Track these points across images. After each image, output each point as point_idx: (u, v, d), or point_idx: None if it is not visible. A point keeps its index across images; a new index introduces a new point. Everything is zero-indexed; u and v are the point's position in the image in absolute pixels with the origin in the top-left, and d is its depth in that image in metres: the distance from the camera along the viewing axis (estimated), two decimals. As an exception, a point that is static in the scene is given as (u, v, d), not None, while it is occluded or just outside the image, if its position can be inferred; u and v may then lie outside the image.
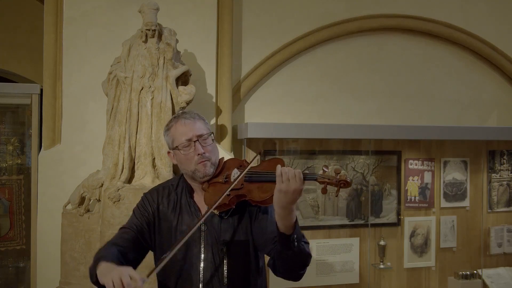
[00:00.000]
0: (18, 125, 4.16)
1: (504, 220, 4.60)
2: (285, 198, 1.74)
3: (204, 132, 2.05)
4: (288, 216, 1.77)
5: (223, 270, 1.99)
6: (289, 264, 1.89)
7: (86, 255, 3.14)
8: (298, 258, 1.86)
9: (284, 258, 1.86)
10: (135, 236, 2.04)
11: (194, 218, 2.04)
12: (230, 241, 2.01)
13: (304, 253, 1.86)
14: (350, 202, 4.18)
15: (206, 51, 3.73)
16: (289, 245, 1.80)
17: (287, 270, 1.93)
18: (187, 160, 2.02)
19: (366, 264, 4.16)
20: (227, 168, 2.07)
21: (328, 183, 1.80)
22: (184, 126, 2.04)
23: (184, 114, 2.10)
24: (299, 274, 1.94)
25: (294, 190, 1.74)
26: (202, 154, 2.00)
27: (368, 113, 4.30)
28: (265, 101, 4.10)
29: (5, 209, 4.04)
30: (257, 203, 1.94)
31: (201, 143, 2.02)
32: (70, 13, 3.55)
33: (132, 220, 2.10)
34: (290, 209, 1.76)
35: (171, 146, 2.09)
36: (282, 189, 1.74)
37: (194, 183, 2.10)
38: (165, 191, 2.13)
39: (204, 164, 2.01)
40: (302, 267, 1.92)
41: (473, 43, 4.52)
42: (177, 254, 2.00)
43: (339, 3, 4.21)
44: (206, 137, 2.04)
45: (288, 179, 1.74)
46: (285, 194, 1.74)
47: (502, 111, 4.68)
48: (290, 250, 1.81)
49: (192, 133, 2.02)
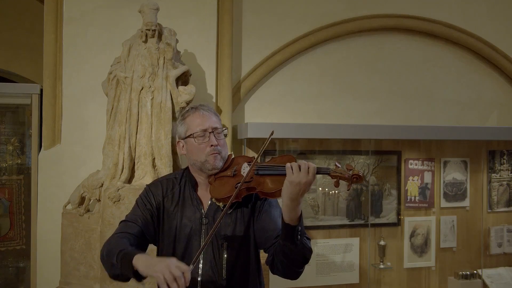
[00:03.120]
0: (18, 125, 4.17)
1: (504, 220, 4.60)
2: (295, 189, 1.78)
3: (219, 126, 2.10)
4: (296, 207, 1.80)
5: (223, 265, 2.00)
6: (290, 259, 1.89)
7: (86, 255, 3.14)
8: (301, 252, 1.87)
9: (286, 252, 1.87)
10: (140, 230, 2.04)
11: (196, 212, 2.05)
12: (231, 236, 2.02)
13: (306, 247, 1.89)
14: (350, 202, 4.18)
15: (206, 51, 3.73)
16: (293, 237, 1.83)
17: (286, 266, 1.93)
18: (199, 150, 2.05)
19: (366, 264, 4.16)
20: (235, 164, 2.09)
21: (341, 177, 1.87)
22: (201, 117, 2.07)
23: (202, 106, 2.13)
24: (297, 271, 1.95)
25: (305, 182, 1.78)
26: (215, 146, 2.04)
27: (368, 113, 4.30)
28: (265, 101, 4.10)
29: (5, 209, 4.04)
30: (266, 195, 1.97)
31: (215, 136, 2.06)
32: (70, 13, 3.55)
33: (136, 213, 2.09)
34: (298, 201, 1.80)
35: (183, 135, 2.10)
36: (294, 181, 1.78)
37: (199, 176, 2.11)
38: (169, 184, 2.14)
39: (214, 156, 2.04)
40: (302, 263, 1.93)
41: (473, 43, 4.52)
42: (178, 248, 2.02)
43: (339, 3, 4.21)
44: (220, 131, 2.09)
45: (299, 171, 1.78)
46: (296, 185, 1.78)
47: (502, 111, 4.68)
48: (293, 244, 1.83)
49: (208, 125, 2.06)
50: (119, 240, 1.97)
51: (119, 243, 1.93)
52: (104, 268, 1.98)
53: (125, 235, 2.00)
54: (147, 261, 1.78)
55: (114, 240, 1.97)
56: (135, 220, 2.06)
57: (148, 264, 1.76)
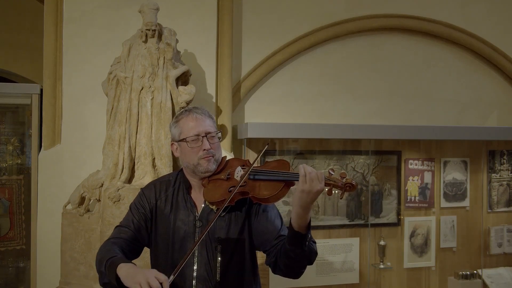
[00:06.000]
0: (18, 125, 4.17)
1: (504, 220, 4.59)
2: (307, 198, 1.80)
3: (212, 130, 2.09)
4: (306, 215, 1.83)
5: (216, 267, 2.00)
6: (295, 262, 1.92)
7: (86, 255, 3.14)
8: (307, 256, 1.91)
9: (291, 256, 1.89)
10: (133, 235, 2.07)
11: (189, 214, 2.06)
12: (224, 239, 2.03)
13: (313, 251, 1.92)
14: (350, 202, 4.18)
15: (206, 51, 3.73)
16: (301, 244, 1.85)
17: (290, 268, 1.96)
18: (192, 154, 2.05)
19: (366, 264, 4.16)
20: (229, 167, 2.09)
21: (334, 185, 1.85)
22: (195, 120, 2.08)
23: (195, 109, 2.13)
24: (300, 272, 1.98)
25: (317, 190, 1.80)
26: (208, 150, 2.04)
27: (368, 113, 4.30)
28: (265, 101, 4.10)
29: (5, 209, 4.04)
30: (259, 200, 1.95)
31: (208, 139, 2.06)
32: (70, 13, 3.55)
33: (129, 218, 2.12)
34: (308, 209, 1.83)
35: (177, 138, 2.11)
36: (305, 189, 1.80)
37: (193, 179, 2.12)
38: (162, 186, 2.15)
39: (208, 160, 2.05)
40: (306, 266, 1.96)
41: (473, 43, 4.52)
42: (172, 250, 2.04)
43: (339, 3, 4.21)
44: (213, 135, 2.09)
45: (312, 180, 1.79)
46: (308, 194, 1.80)
47: (502, 111, 4.68)
48: (300, 249, 1.86)
49: (201, 129, 2.06)
50: (110, 246, 1.99)
51: (110, 251, 1.95)
52: None
53: (117, 241, 2.03)
54: (128, 271, 1.79)
55: (105, 248, 2.00)
56: (127, 225, 2.09)
57: (128, 274, 1.78)
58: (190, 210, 2.07)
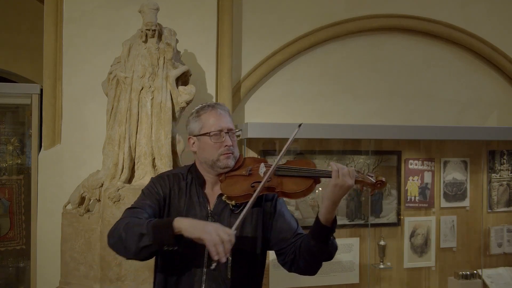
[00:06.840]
0: (18, 125, 4.17)
1: (504, 220, 4.59)
2: (339, 192, 1.89)
3: (233, 127, 2.12)
4: (334, 210, 1.91)
5: (228, 264, 1.99)
6: (316, 257, 1.98)
7: (86, 255, 3.14)
8: (329, 251, 1.98)
9: (314, 251, 1.95)
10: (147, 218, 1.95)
11: (202, 209, 2.05)
12: (237, 236, 2.00)
13: (334, 246, 2.00)
14: (350, 202, 4.18)
15: (206, 51, 3.73)
16: (327, 238, 1.93)
17: (309, 264, 2.01)
18: (213, 149, 2.04)
19: (366, 264, 4.16)
20: (246, 164, 2.11)
21: (364, 182, 1.94)
22: (219, 116, 2.08)
23: (218, 105, 2.13)
24: (318, 267, 2.04)
25: (348, 185, 1.89)
26: (229, 146, 2.05)
27: (368, 113, 4.30)
28: (265, 101, 4.10)
29: (5, 209, 4.04)
30: (287, 196, 2.01)
31: (229, 136, 2.07)
32: (70, 13, 3.55)
33: (143, 201, 2.04)
34: (337, 203, 1.91)
35: (196, 132, 2.08)
36: (338, 184, 1.88)
37: (208, 174, 2.10)
38: (175, 178, 2.12)
39: (228, 156, 2.05)
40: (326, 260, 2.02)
41: (473, 43, 4.52)
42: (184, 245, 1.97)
43: (339, 3, 4.21)
44: (234, 132, 2.11)
45: (344, 175, 1.88)
46: (340, 188, 1.88)
47: (502, 111, 4.68)
48: (325, 244, 1.94)
49: (224, 125, 2.07)
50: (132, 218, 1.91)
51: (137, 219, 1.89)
52: (119, 249, 1.91)
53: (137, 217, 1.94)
54: (192, 221, 1.81)
55: (127, 220, 1.91)
56: (142, 207, 2.00)
57: (193, 224, 1.78)
58: (203, 206, 2.06)
